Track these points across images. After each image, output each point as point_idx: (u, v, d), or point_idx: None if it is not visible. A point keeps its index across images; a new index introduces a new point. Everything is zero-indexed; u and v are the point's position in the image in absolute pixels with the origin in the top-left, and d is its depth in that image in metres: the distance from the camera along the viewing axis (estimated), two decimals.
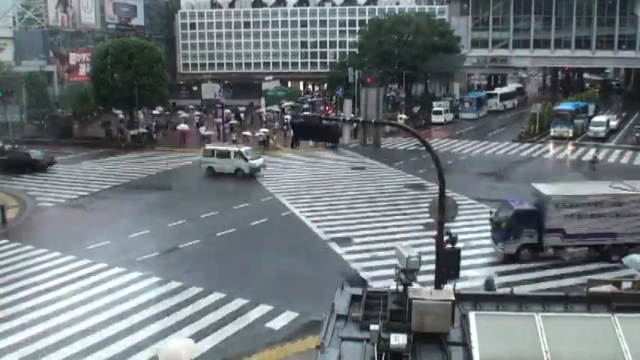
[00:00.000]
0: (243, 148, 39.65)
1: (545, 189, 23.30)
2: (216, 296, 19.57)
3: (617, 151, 46.04)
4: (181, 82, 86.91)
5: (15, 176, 39.01)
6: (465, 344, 8.21)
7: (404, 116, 59.08)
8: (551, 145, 49.41)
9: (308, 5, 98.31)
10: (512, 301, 9.39)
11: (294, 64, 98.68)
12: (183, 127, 53.24)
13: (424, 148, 14.94)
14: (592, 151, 43.84)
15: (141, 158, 46.27)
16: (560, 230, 22.06)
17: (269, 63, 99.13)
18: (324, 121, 15.46)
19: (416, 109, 67.17)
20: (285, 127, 53.90)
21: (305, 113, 51.47)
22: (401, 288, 9.42)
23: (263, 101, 74.54)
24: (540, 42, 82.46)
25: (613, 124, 55.45)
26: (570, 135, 50.85)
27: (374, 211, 29.76)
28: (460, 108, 68.31)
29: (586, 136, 51.50)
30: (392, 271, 11.31)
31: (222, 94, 60.66)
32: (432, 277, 13.92)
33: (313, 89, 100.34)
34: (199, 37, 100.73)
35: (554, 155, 45.81)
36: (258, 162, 38.94)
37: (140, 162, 44.72)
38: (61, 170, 42.02)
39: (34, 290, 20.41)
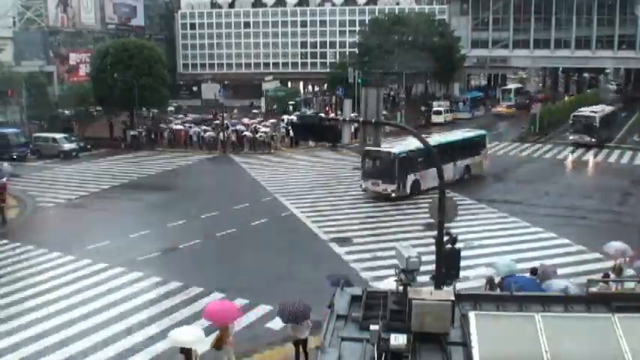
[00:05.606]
0: None
1: None
2: (216, 296, 19.56)
3: (617, 151, 46.01)
4: (181, 82, 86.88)
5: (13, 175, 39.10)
6: (465, 344, 8.20)
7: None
8: (550, 146, 49.39)
9: (308, 5, 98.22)
10: (512, 301, 9.36)
11: (294, 64, 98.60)
12: (177, 127, 53.27)
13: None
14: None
15: (141, 158, 46.30)
16: None
17: (269, 63, 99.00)
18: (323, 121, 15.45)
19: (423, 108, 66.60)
20: (285, 127, 53.79)
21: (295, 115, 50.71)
22: (401, 288, 9.41)
23: (263, 101, 74.49)
24: (540, 42, 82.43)
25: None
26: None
27: (374, 211, 29.77)
28: (454, 107, 67.23)
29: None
30: (392, 271, 11.32)
31: (222, 94, 60.69)
32: None
33: (313, 90, 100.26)
34: (199, 37, 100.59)
35: (553, 156, 45.80)
36: None
37: (140, 162, 44.75)
38: (60, 170, 42.03)
39: (34, 290, 20.39)
